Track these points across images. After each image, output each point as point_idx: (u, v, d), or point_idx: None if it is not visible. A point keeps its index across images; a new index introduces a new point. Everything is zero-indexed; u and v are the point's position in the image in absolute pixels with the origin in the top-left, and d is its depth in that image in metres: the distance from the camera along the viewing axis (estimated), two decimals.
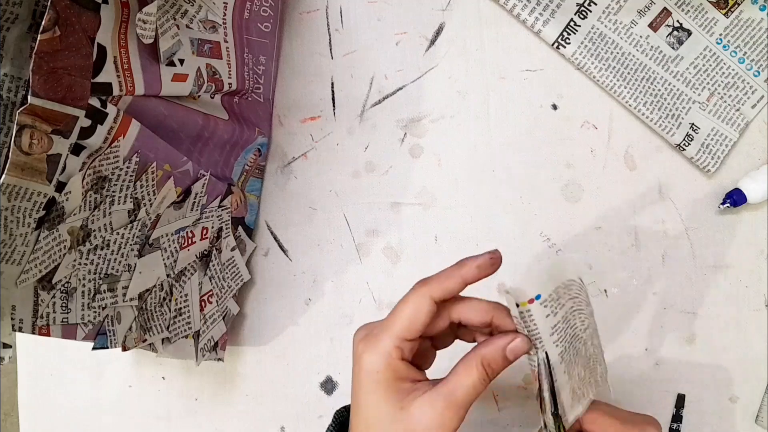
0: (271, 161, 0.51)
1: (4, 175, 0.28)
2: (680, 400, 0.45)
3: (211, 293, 0.46)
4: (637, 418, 0.33)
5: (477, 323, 0.31)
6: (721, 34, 0.45)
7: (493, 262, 0.31)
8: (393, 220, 0.49)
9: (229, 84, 0.44)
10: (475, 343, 0.32)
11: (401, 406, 0.29)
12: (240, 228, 0.48)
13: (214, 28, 0.41)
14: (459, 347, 0.42)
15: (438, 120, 0.49)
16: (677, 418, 0.45)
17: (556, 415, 0.31)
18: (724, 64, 0.45)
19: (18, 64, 0.39)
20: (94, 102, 0.31)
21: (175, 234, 0.41)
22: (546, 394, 0.30)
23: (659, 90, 0.45)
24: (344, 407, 0.35)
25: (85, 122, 0.31)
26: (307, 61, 0.50)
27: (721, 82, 0.45)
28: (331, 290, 0.50)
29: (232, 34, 0.44)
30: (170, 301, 0.42)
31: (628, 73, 0.45)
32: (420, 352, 0.32)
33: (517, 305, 0.29)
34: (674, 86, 0.46)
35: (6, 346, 0.34)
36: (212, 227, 0.45)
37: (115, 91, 0.33)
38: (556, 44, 0.46)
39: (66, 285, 0.34)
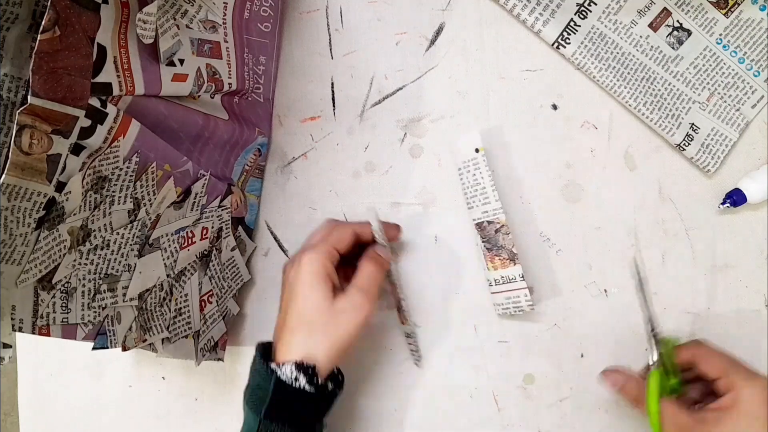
0: (271, 161, 0.51)
1: (4, 175, 0.28)
2: None
3: (211, 293, 0.46)
4: (752, 369, 0.36)
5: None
6: (721, 34, 0.45)
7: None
8: (393, 220, 0.49)
9: (229, 84, 0.44)
10: None
11: (331, 298, 0.38)
12: (240, 228, 0.48)
13: (214, 28, 0.41)
14: (453, 347, 0.42)
15: (438, 120, 0.49)
16: None
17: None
18: (724, 64, 0.45)
19: (18, 64, 0.39)
20: (94, 102, 0.31)
21: (175, 234, 0.41)
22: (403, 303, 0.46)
23: (659, 90, 0.45)
24: (262, 342, 0.41)
25: (85, 122, 0.31)
26: (307, 61, 0.50)
27: (721, 82, 0.45)
28: None
29: (232, 34, 0.44)
30: (170, 301, 0.42)
31: (628, 73, 0.45)
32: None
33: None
34: (674, 86, 0.46)
35: (6, 346, 0.34)
36: (212, 227, 0.45)
37: (115, 91, 0.33)
38: (556, 44, 0.46)
39: (66, 285, 0.34)
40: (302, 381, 0.36)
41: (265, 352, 0.39)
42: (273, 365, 0.37)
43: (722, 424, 0.34)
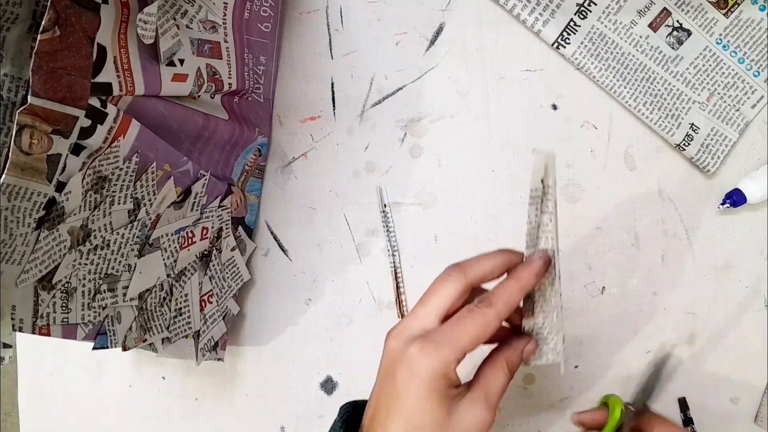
0: (271, 161, 0.51)
1: (4, 175, 0.28)
2: (683, 404, 0.45)
3: (211, 293, 0.46)
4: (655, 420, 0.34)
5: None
6: (721, 34, 0.45)
7: (546, 266, 0.32)
8: (393, 220, 0.49)
9: (229, 84, 0.44)
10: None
11: (448, 411, 0.30)
12: (240, 228, 0.48)
13: (214, 28, 0.41)
14: None
15: (438, 120, 0.49)
16: (688, 420, 0.45)
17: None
18: (724, 64, 0.45)
19: (18, 64, 0.39)
20: (94, 102, 0.31)
21: (175, 234, 0.41)
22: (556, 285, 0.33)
23: (659, 90, 0.45)
24: (349, 404, 0.35)
25: (85, 122, 0.31)
26: (307, 61, 0.50)
27: (721, 82, 0.45)
28: (331, 290, 0.50)
29: (232, 34, 0.44)
30: (170, 301, 0.42)
31: (628, 73, 0.45)
32: None
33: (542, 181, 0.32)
34: (674, 86, 0.46)
35: (6, 346, 0.34)
36: (212, 227, 0.45)
37: (115, 91, 0.33)
38: (556, 44, 0.46)
39: (66, 285, 0.34)
40: None
41: (350, 423, 0.33)
42: None
43: None
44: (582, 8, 0.45)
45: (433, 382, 0.29)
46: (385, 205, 0.49)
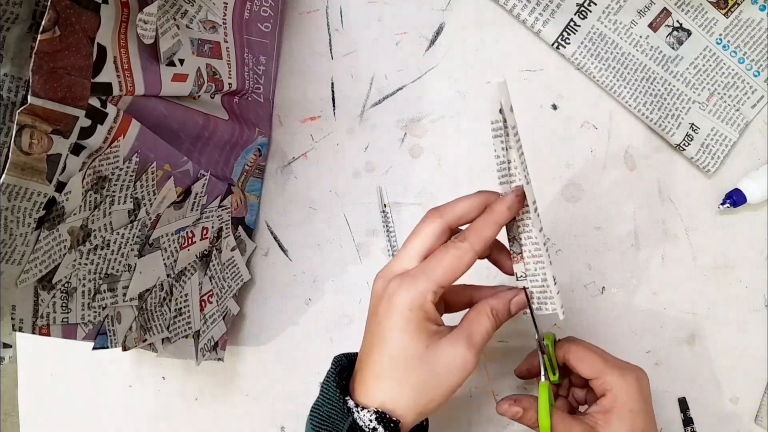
0: (271, 161, 0.51)
1: (4, 175, 0.28)
2: (683, 404, 0.45)
3: (211, 293, 0.46)
4: (622, 362, 0.35)
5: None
6: (721, 34, 0.45)
7: (519, 199, 0.33)
8: (393, 220, 0.49)
9: (229, 84, 0.44)
10: None
11: (427, 344, 0.31)
12: (240, 228, 0.48)
13: (214, 29, 0.41)
14: None
15: (438, 120, 0.49)
16: (688, 420, 0.45)
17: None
18: (724, 64, 0.45)
19: (18, 64, 0.39)
20: (94, 102, 0.31)
21: (175, 234, 0.41)
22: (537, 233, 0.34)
23: (659, 90, 0.45)
24: (343, 354, 0.36)
25: (85, 122, 0.31)
26: (307, 61, 0.50)
27: (721, 82, 0.45)
28: (331, 290, 0.50)
29: (232, 34, 0.44)
30: (170, 301, 0.42)
31: (628, 73, 0.45)
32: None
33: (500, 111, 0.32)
34: (674, 86, 0.46)
35: (6, 346, 0.34)
36: (212, 227, 0.45)
37: (115, 91, 0.33)
38: (556, 44, 0.46)
39: (66, 285, 0.34)
40: None
41: (342, 371, 0.34)
42: (351, 403, 0.32)
43: (610, 426, 0.34)
44: (582, 8, 0.45)
45: (410, 314, 0.31)
46: (385, 205, 0.49)
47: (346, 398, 0.32)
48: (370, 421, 0.31)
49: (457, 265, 0.32)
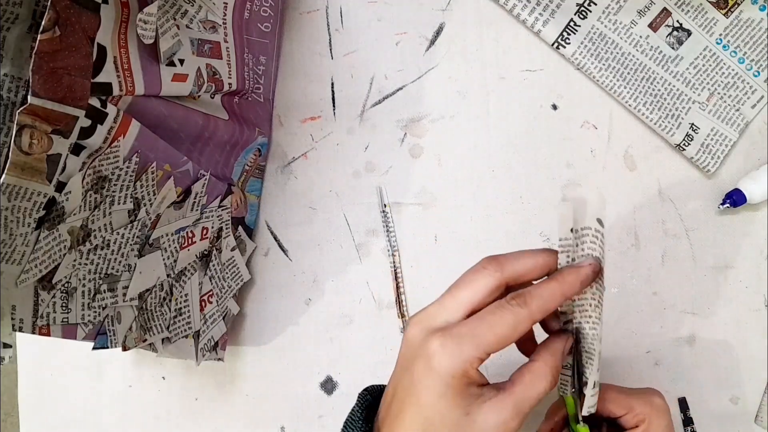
0: (271, 161, 0.51)
1: (4, 175, 0.28)
2: (683, 404, 0.45)
3: (211, 293, 0.46)
4: (640, 390, 0.35)
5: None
6: (721, 34, 0.45)
7: (596, 275, 0.30)
8: (393, 220, 0.49)
9: (229, 84, 0.44)
10: None
11: (467, 412, 0.28)
12: (240, 228, 0.48)
13: (214, 29, 0.41)
14: None
15: (438, 120, 0.49)
16: (688, 420, 0.45)
17: (580, 392, 0.32)
18: (724, 64, 0.45)
19: (18, 64, 0.39)
20: (94, 102, 0.31)
21: (175, 234, 0.41)
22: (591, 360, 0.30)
23: (659, 90, 0.45)
24: (367, 389, 0.34)
25: (85, 122, 0.31)
26: (307, 61, 0.50)
27: (721, 82, 0.45)
28: (331, 290, 0.50)
29: (232, 34, 0.44)
30: (170, 301, 0.42)
31: (628, 73, 0.45)
32: None
33: (572, 229, 0.29)
34: (674, 86, 0.46)
35: (6, 346, 0.34)
36: (212, 227, 0.45)
37: (115, 91, 0.33)
38: (556, 44, 0.46)
39: (66, 285, 0.34)
40: None
41: (369, 412, 0.32)
42: None
43: None
44: (582, 8, 0.45)
45: (451, 380, 0.28)
46: (385, 205, 0.49)
47: None
48: None
49: (510, 333, 0.28)
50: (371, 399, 0.33)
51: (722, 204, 0.45)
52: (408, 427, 0.29)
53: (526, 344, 0.34)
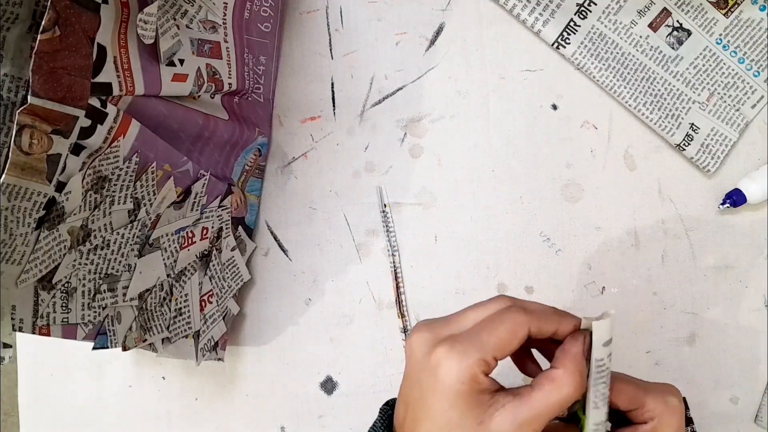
0: (271, 161, 0.51)
1: (4, 175, 0.28)
2: (683, 404, 0.45)
3: (211, 293, 0.46)
4: (655, 385, 0.33)
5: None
6: (721, 34, 0.45)
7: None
8: (393, 220, 0.49)
9: (229, 84, 0.44)
10: None
11: (480, 420, 0.27)
12: (240, 228, 0.48)
13: (214, 29, 0.41)
14: None
15: (438, 120, 0.49)
16: (688, 420, 0.45)
17: None
18: (724, 64, 0.45)
19: (18, 64, 0.39)
20: (94, 102, 0.31)
21: (175, 234, 0.41)
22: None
23: (659, 90, 0.45)
24: (388, 404, 0.33)
25: (85, 122, 0.31)
26: (307, 61, 0.50)
27: (721, 82, 0.45)
28: (331, 290, 0.50)
29: (232, 34, 0.44)
30: (170, 301, 0.42)
31: (628, 73, 0.45)
32: None
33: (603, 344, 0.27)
34: (674, 86, 0.46)
35: (6, 346, 0.34)
36: (212, 227, 0.45)
37: (115, 91, 0.33)
38: (556, 44, 0.46)
39: (66, 285, 0.34)
40: None
41: (390, 425, 0.32)
42: None
43: None
44: (582, 8, 0.45)
45: (460, 387, 0.27)
46: (385, 205, 0.49)
47: None
48: None
49: (510, 339, 0.28)
50: (392, 412, 0.32)
51: (722, 204, 0.45)
52: (420, 425, 0.29)
53: (529, 365, 0.34)
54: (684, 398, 0.46)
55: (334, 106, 0.50)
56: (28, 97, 0.27)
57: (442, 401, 0.28)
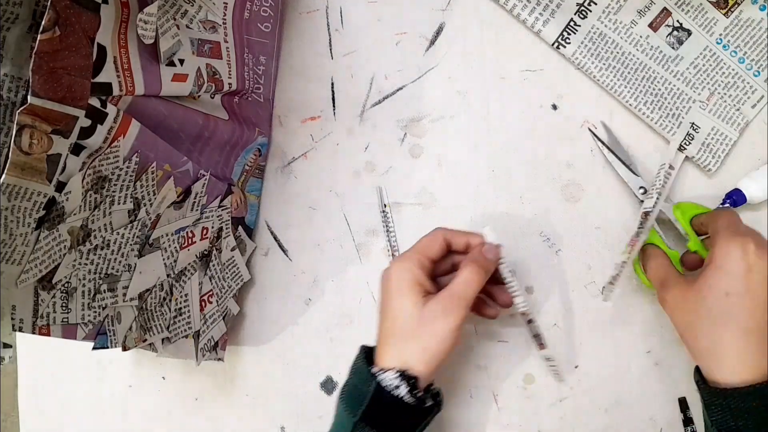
0: (271, 161, 0.51)
1: (4, 175, 0.28)
2: (683, 404, 0.45)
3: (211, 293, 0.46)
4: (738, 229, 0.36)
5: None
6: (721, 34, 0.45)
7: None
8: (393, 220, 0.49)
9: (229, 84, 0.44)
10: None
11: (421, 304, 0.37)
12: (240, 228, 0.48)
13: (214, 29, 0.41)
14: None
15: (438, 120, 0.49)
16: (688, 420, 0.45)
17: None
18: (724, 63, 0.45)
19: (18, 64, 0.39)
20: (94, 102, 0.31)
21: (175, 234, 0.41)
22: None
23: (659, 89, 0.45)
24: (366, 345, 0.40)
25: (85, 122, 0.31)
26: (307, 61, 0.50)
27: (721, 81, 0.45)
28: (331, 290, 0.50)
29: (232, 34, 0.44)
30: (170, 301, 0.42)
31: (629, 73, 0.45)
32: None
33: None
34: (674, 86, 0.46)
35: (6, 346, 0.34)
36: (212, 227, 0.45)
37: (115, 91, 0.33)
38: (556, 44, 0.46)
39: (66, 285, 0.34)
40: (402, 390, 0.36)
41: (368, 354, 0.39)
42: (374, 369, 0.37)
43: (701, 279, 0.35)
44: (582, 8, 0.45)
45: (401, 281, 0.38)
46: (385, 205, 0.49)
47: (370, 367, 0.37)
48: (392, 379, 0.36)
49: (431, 243, 0.40)
50: (368, 351, 0.40)
51: (722, 204, 0.44)
52: (387, 332, 0.38)
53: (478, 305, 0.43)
54: (684, 398, 0.46)
55: (334, 106, 0.50)
56: (28, 97, 0.27)
57: (393, 296, 0.38)
